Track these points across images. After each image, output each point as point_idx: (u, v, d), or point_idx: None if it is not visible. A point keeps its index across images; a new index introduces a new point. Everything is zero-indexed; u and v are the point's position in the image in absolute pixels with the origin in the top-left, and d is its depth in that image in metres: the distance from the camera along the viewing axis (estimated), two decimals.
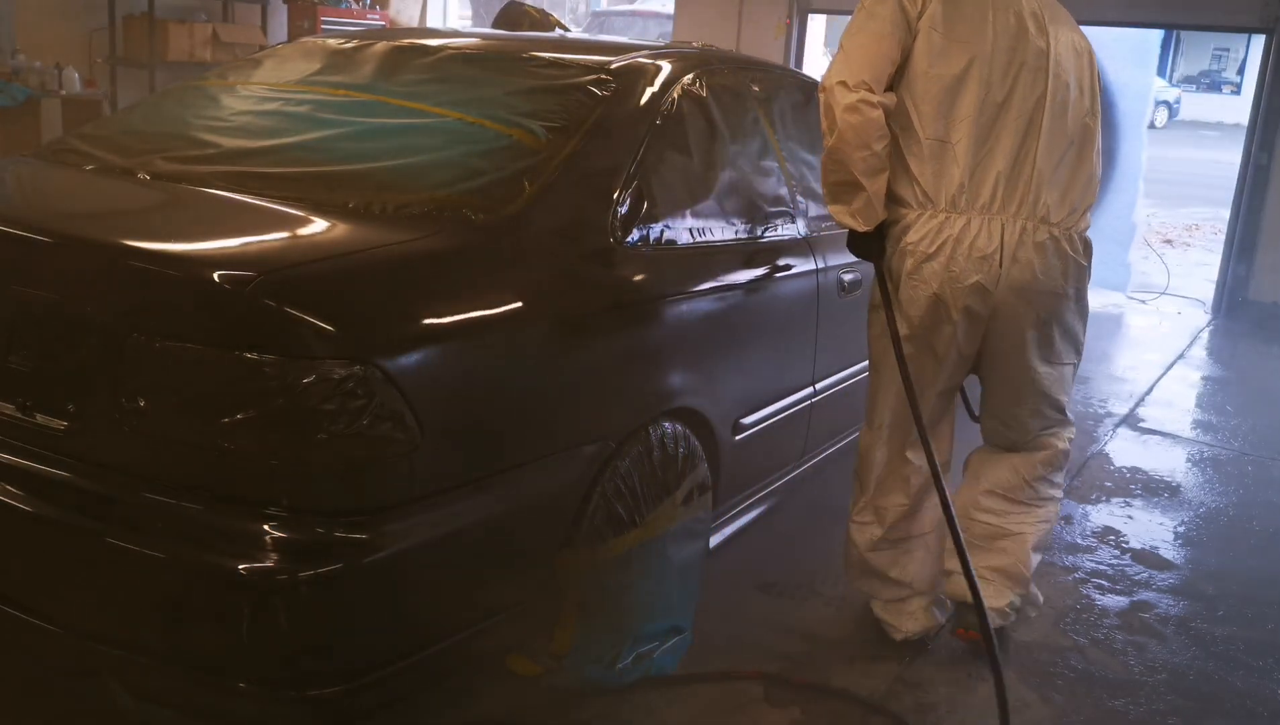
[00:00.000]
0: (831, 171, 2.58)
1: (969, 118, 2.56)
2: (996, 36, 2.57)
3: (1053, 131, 2.60)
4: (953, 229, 2.57)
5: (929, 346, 2.67)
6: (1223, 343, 6.92)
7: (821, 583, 3.20)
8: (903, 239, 2.62)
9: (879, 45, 2.54)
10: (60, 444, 2.02)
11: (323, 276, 2.01)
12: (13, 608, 2.06)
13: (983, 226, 2.57)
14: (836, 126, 2.51)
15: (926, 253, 2.59)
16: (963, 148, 2.57)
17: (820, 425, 3.43)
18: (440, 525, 2.02)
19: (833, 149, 2.54)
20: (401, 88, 2.81)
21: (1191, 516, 4.04)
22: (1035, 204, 2.58)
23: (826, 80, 2.56)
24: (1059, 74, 2.61)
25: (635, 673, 2.55)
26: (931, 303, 2.60)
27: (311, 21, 8.65)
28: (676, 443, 2.61)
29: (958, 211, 2.58)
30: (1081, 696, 2.75)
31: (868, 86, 2.50)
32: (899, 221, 2.64)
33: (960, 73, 2.55)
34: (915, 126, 2.58)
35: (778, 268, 3.07)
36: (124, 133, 2.87)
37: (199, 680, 1.95)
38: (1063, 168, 2.63)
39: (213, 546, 1.87)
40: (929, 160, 2.58)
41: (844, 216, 2.62)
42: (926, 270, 2.59)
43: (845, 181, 2.56)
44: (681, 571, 2.67)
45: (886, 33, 2.54)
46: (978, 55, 2.56)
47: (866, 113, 2.49)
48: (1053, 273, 2.62)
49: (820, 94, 2.57)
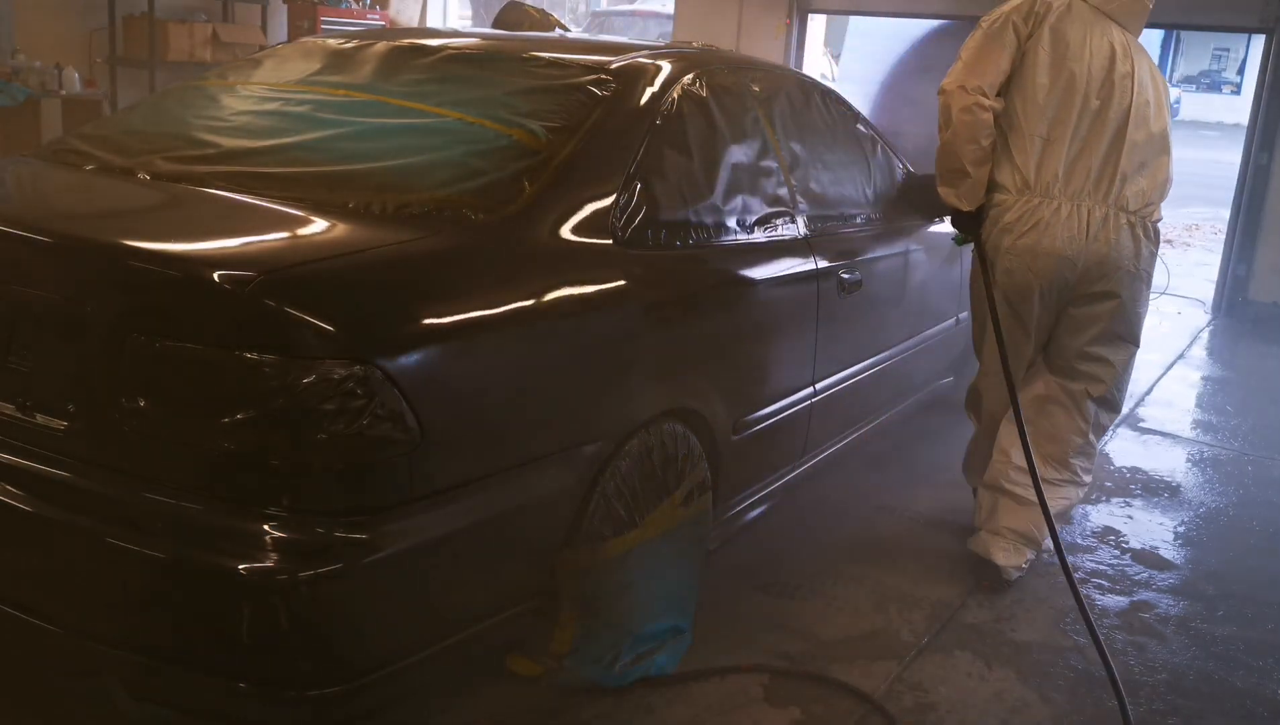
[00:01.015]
0: (945, 160, 3.17)
1: (1068, 121, 3.09)
2: (1093, 58, 3.10)
3: (1135, 138, 3.13)
4: (1046, 211, 3.10)
5: (1020, 311, 3.18)
6: (1223, 343, 6.92)
7: (821, 583, 3.20)
8: (1002, 218, 3.15)
9: (994, 59, 3.08)
10: (60, 444, 2.02)
11: (323, 276, 2.01)
12: (13, 608, 2.06)
13: (1072, 210, 3.10)
14: (952, 123, 3.08)
15: (1023, 230, 3.11)
16: (1061, 145, 3.09)
17: (820, 425, 3.42)
18: (440, 525, 2.03)
19: (947, 142, 3.12)
20: (401, 88, 2.81)
21: (1191, 516, 4.03)
22: (1117, 195, 3.12)
23: (947, 84, 3.10)
24: (1141, 92, 3.14)
25: (635, 673, 2.55)
26: (1024, 272, 3.11)
27: (311, 21, 8.65)
28: (676, 443, 2.61)
29: (1051, 197, 3.10)
30: (1081, 696, 2.75)
31: (982, 92, 3.06)
32: (1000, 204, 3.15)
33: (1065, 84, 3.08)
34: (1022, 125, 3.10)
35: (777, 268, 3.07)
36: (124, 133, 2.87)
37: (199, 680, 1.96)
38: (1143, 168, 3.16)
39: (213, 546, 1.87)
40: (1032, 153, 3.09)
41: (951, 197, 3.22)
42: (1022, 244, 3.11)
43: (956, 169, 3.14)
44: (681, 572, 2.67)
45: (1001, 49, 3.09)
46: (1078, 72, 3.09)
47: (978, 114, 3.06)
48: (1126, 252, 3.14)
49: (939, 96, 3.12)
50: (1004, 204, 3.15)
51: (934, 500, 3.91)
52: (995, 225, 3.17)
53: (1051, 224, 3.09)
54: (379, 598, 1.96)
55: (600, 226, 2.47)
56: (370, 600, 1.95)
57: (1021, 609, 3.16)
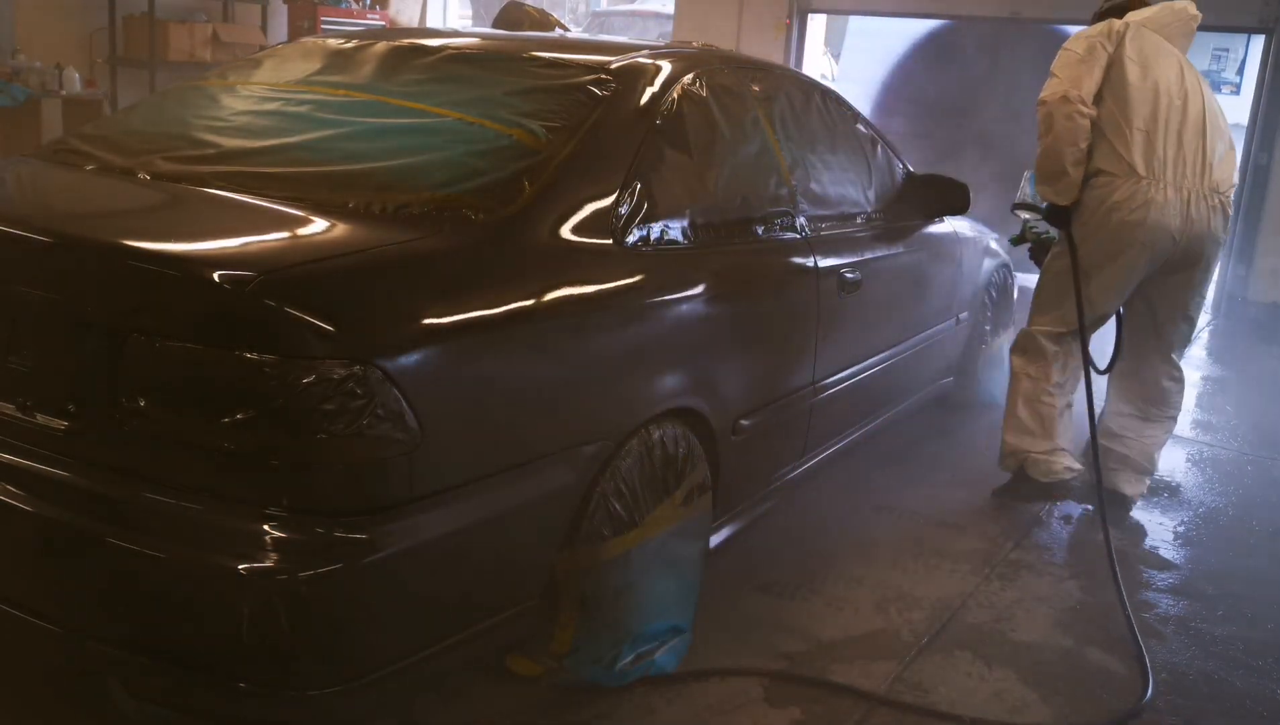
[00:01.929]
0: (1047, 162, 3.65)
1: (1159, 118, 3.60)
2: (1167, 69, 3.65)
3: (1211, 134, 3.68)
4: (1155, 192, 3.57)
5: (1119, 276, 3.69)
6: (1222, 343, 6.91)
7: (821, 583, 3.21)
8: (1110, 197, 3.61)
9: (1088, 73, 3.58)
10: (60, 444, 2.02)
11: (323, 276, 2.01)
12: (13, 608, 2.06)
13: (1174, 191, 3.60)
14: (1054, 129, 3.57)
15: (1133, 206, 3.58)
16: (1158, 137, 3.60)
17: (820, 425, 3.42)
18: (440, 525, 2.02)
19: (1049, 146, 3.61)
20: (401, 88, 2.81)
21: (1191, 516, 4.04)
22: (1205, 178, 3.66)
23: (1048, 97, 3.59)
24: (1207, 99, 3.73)
25: (635, 673, 2.55)
26: (1131, 244, 3.60)
27: (311, 21, 8.65)
28: (676, 443, 2.61)
29: (1157, 179, 3.58)
30: (1081, 696, 2.75)
31: (1082, 101, 3.56)
32: (1105, 185, 3.62)
33: (1152, 89, 3.60)
34: (1121, 123, 3.59)
35: (777, 268, 3.07)
36: (124, 133, 2.87)
37: (199, 680, 1.95)
38: (1221, 158, 3.72)
39: (213, 546, 1.87)
40: (1135, 145, 3.58)
41: (1050, 194, 3.71)
42: (1133, 219, 3.58)
43: (1057, 170, 3.63)
44: (681, 572, 2.67)
45: (1094, 65, 3.59)
46: (1160, 79, 3.62)
47: (1078, 121, 3.56)
48: (1216, 225, 3.69)
49: (1039, 107, 3.61)
50: (1111, 185, 3.61)
51: (934, 500, 3.91)
52: (1103, 204, 3.63)
53: (1160, 203, 3.58)
54: (379, 598, 1.96)
55: (600, 226, 2.47)
56: (370, 600, 1.95)
57: (1021, 609, 3.17)
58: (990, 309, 4.87)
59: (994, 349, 4.96)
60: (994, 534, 3.67)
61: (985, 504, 3.92)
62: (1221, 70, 8.98)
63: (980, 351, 4.86)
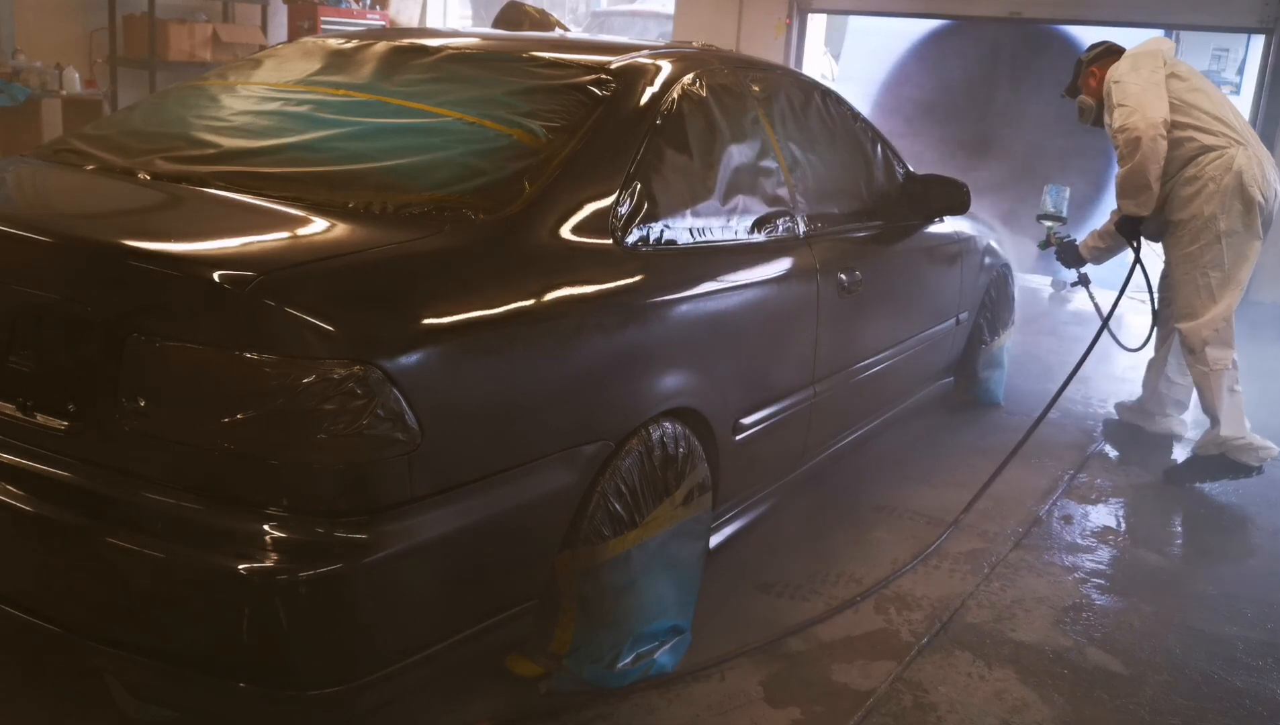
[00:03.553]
0: (1133, 179, 4.11)
1: (1218, 110, 4.20)
2: (1199, 80, 4.29)
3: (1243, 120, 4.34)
4: (1234, 158, 4.10)
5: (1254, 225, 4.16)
6: None
7: (821, 583, 3.21)
8: (1206, 171, 4.11)
9: (1160, 100, 4.09)
10: (60, 444, 2.02)
11: (323, 276, 2.01)
12: (13, 608, 2.06)
13: (1250, 155, 4.12)
14: (1141, 151, 4.03)
15: (1222, 172, 4.09)
16: (1223, 123, 4.17)
17: (820, 425, 3.42)
18: (440, 525, 2.02)
19: (1136, 166, 4.07)
20: (401, 88, 2.81)
21: (1191, 516, 4.03)
22: (1259, 147, 4.26)
23: (1134, 124, 4.04)
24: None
25: (635, 673, 2.55)
26: (1222, 206, 4.11)
27: (311, 21, 8.64)
28: (676, 443, 2.61)
29: (1236, 145, 4.13)
30: (1081, 696, 2.75)
31: (1164, 125, 4.05)
32: (1200, 160, 4.13)
33: (1204, 91, 4.22)
34: (1197, 119, 4.15)
35: (777, 268, 3.07)
36: (124, 133, 2.87)
37: (199, 680, 1.95)
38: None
39: (213, 546, 1.87)
40: (1214, 131, 4.14)
41: (1131, 207, 4.21)
42: (1225, 181, 4.09)
43: (1142, 185, 4.11)
44: (681, 572, 2.67)
45: (1160, 91, 4.11)
46: (1204, 88, 4.25)
47: (1160, 143, 4.05)
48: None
49: (1120, 133, 4.09)
50: (1203, 159, 4.12)
51: (934, 500, 3.91)
52: (1197, 180, 4.14)
53: (1239, 165, 4.10)
54: (379, 598, 1.96)
55: (600, 226, 2.47)
56: (370, 600, 1.95)
57: (1021, 609, 3.17)
58: (990, 309, 4.87)
59: (994, 349, 4.96)
60: (994, 534, 3.67)
61: (985, 504, 3.92)
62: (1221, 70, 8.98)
63: (980, 351, 4.86)
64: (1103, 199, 7.24)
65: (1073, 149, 7.51)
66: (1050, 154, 7.42)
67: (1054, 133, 7.60)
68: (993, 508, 3.90)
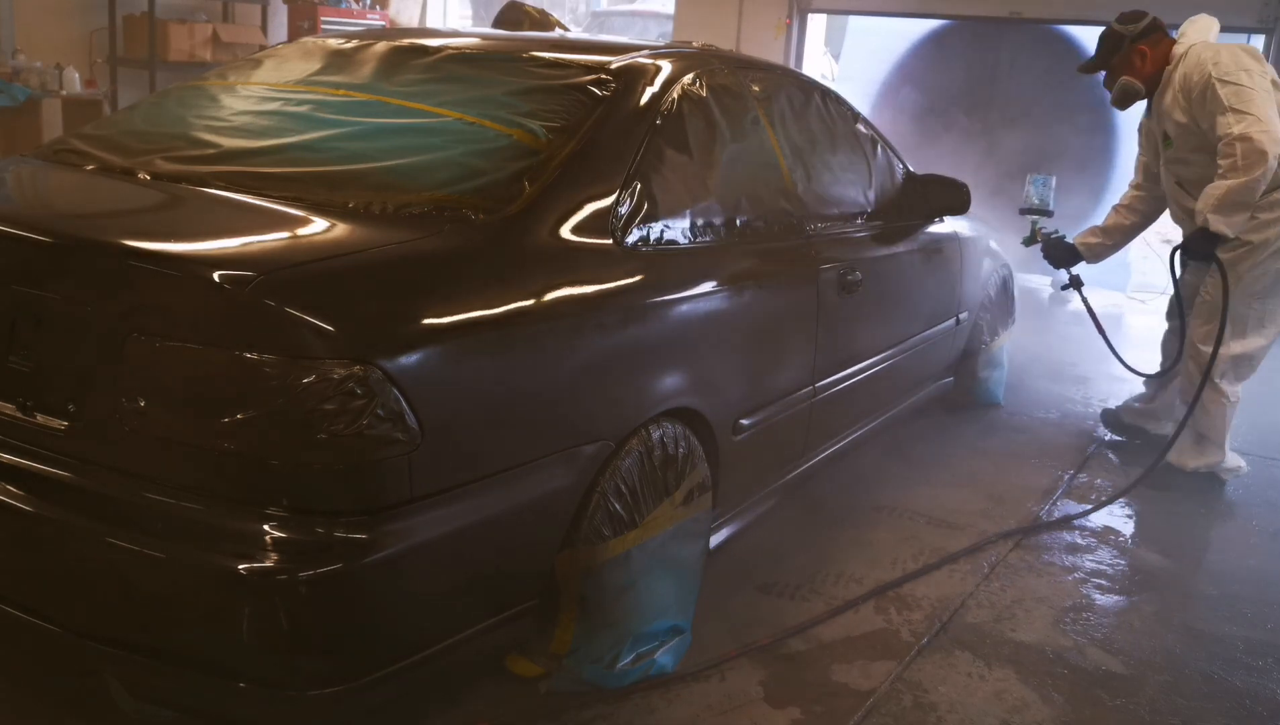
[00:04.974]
0: (1243, 195, 3.75)
1: None
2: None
3: None
4: None
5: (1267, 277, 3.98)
6: None
7: (821, 583, 3.20)
8: None
9: (1276, 112, 3.76)
10: (60, 444, 2.02)
11: (323, 276, 2.01)
12: (13, 608, 2.06)
13: None
14: (1264, 167, 3.69)
15: None
16: None
17: (820, 425, 3.42)
18: (440, 525, 2.02)
19: (1253, 182, 3.72)
20: (401, 88, 2.81)
21: (1191, 516, 4.03)
22: None
23: (1262, 139, 3.67)
24: None
25: (635, 673, 2.55)
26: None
27: (311, 21, 8.65)
28: (676, 443, 2.61)
29: None
30: (1081, 696, 2.75)
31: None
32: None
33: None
34: None
35: (777, 268, 3.07)
36: (124, 133, 2.87)
37: (199, 680, 1.96)
38: None
39: (213, 546, 1.87)
40: None
41: (1222, 224, 3.81)
42: None
43: (1248, 203, 3.78)
44: (681, 572, 2.67)
45: (1275, 108, 3.77)
46: None
47: (1275, 165, 3.72)
48: None
49: (1243, 141, 3.68)
50: None
51: (934, 500, 3.91)
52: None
53: None
54: (379, 598, 1.96)
55: (600, 226, 2.47)
56: (370, 600, 1.95)
57: (1021, 609, 3.17)
58: (990, 309, 4.87)
59: (994, 349, 4.96)
60: (993, 534, 3.67)
61: (985, 504, 3.92)
62: None
63: (980, 351, 4.86)
64: (1103, 200, 7.24)
65: (1073, 149, 7.52)
66: (1051, 154, 7.42)
67: (1054, 133, 7.61)
68: (993, 508, 3.90)
